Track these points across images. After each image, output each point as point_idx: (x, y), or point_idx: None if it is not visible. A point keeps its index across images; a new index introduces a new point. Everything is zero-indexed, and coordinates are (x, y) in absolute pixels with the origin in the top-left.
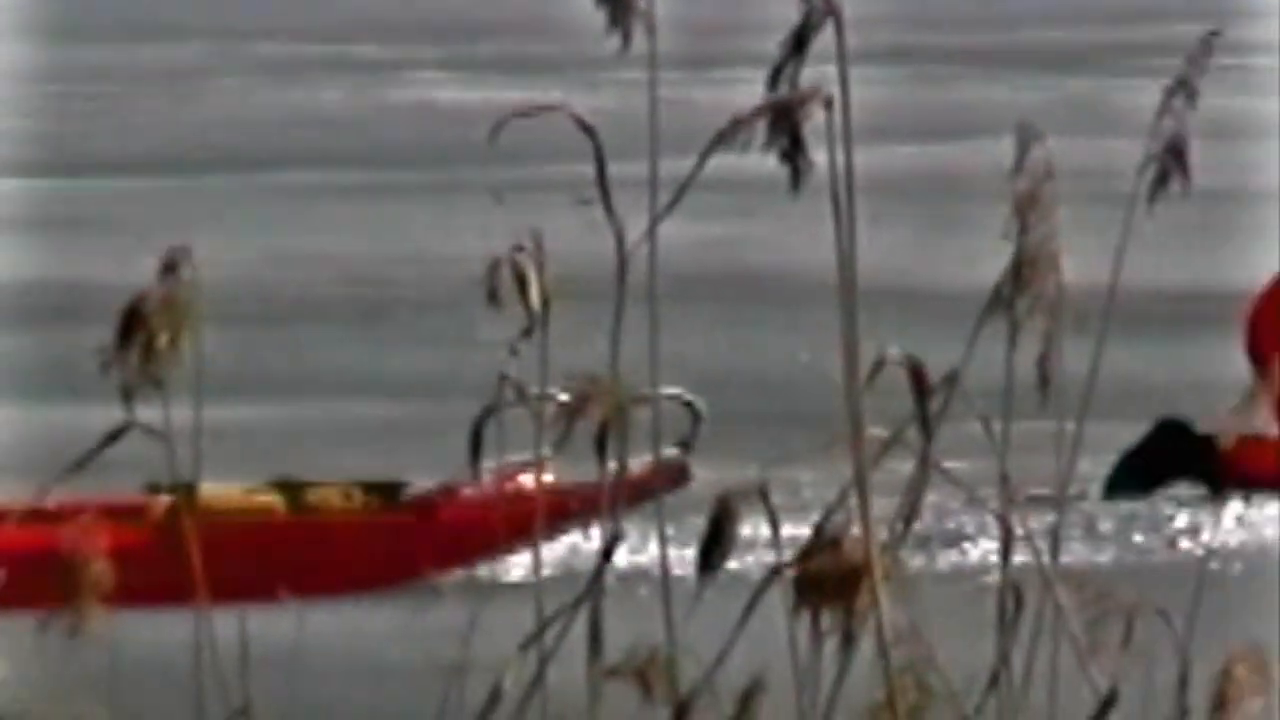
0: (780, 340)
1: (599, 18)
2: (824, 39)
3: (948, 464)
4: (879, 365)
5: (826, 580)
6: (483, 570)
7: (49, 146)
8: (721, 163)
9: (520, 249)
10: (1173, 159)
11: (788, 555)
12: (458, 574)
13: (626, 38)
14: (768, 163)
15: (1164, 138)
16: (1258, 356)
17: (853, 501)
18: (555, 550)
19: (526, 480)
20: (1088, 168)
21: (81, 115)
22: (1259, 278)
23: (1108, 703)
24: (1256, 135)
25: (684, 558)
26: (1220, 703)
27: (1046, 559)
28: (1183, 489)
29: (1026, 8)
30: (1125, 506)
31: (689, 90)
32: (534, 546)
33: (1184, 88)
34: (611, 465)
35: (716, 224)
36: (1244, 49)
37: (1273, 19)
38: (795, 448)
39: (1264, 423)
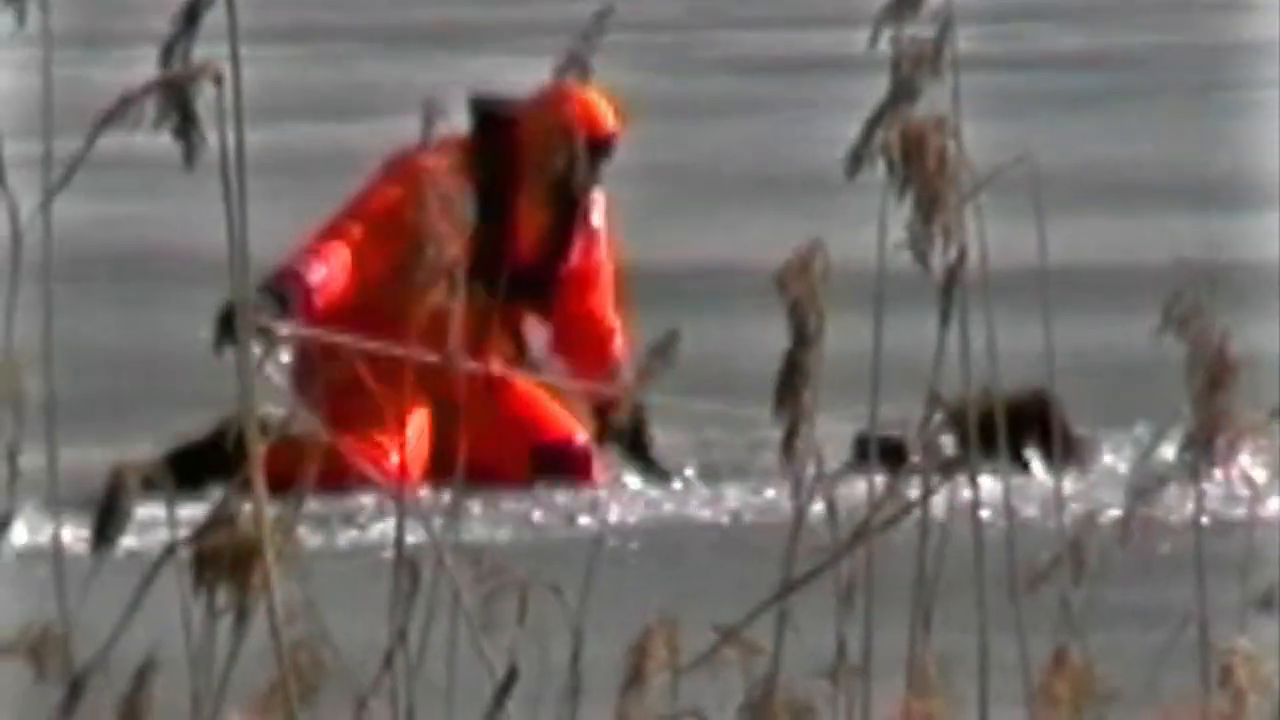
0: (176, 320)
1: None
2: (220, 17)
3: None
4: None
5: (221, 558)
6: None
7: None
8: (123, 141)
9: None
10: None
11: (185, 534)
12: None
13: (21, 15)
14: (166, 140)
15: None
16: None
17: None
18: None
19: None
20: None
21: None
22: None
23: (508, 680)
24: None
25: (80, 536)
26: (635, 676)
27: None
28: None
29: None
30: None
31: (85, 68)
32: None
33: (577, 63)
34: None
35: (116, 202)
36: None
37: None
38: (189, 427)
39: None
